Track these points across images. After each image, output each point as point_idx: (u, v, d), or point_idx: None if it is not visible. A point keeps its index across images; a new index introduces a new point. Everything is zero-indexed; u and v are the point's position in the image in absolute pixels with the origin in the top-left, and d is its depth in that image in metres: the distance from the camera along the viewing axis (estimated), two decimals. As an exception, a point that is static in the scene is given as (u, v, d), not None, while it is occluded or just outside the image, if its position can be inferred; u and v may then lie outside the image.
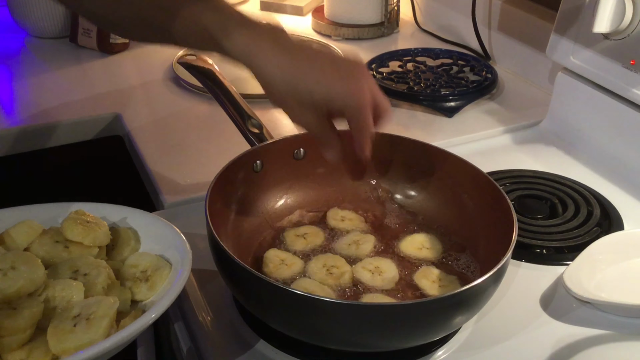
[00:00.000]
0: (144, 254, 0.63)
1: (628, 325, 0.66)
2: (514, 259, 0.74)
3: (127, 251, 0.64)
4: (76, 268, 0.59)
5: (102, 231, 0.63)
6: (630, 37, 0.83)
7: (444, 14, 1.32)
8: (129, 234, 0.66)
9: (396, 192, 0.80)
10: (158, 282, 0.60)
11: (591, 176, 0.89)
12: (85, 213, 0.65)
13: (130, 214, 0.68)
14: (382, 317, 0.57)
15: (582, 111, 0.94)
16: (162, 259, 0.62)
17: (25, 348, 0.52)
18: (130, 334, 0.51)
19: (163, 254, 0.63)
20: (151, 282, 0.59)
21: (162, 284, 0.60)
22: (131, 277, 0.60)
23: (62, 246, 0.62)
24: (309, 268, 0.69)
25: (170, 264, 0.61)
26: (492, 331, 0.66)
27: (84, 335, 0.51)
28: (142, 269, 0.61)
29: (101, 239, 0.63)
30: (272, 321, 0.62)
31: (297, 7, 1.43)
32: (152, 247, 0.65)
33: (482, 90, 1.07)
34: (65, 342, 0.51)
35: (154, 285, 0.59)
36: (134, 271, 0.61)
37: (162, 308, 0.53)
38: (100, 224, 0.64)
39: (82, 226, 0.62)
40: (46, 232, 0.63)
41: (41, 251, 0.61)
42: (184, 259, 0.60)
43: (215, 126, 0.99)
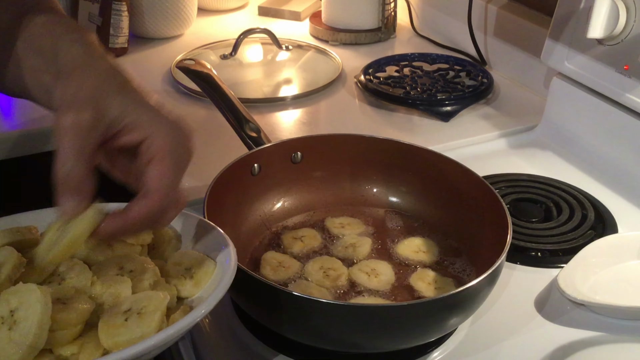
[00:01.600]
0: (187, 252, 0.62)
1: (622, 327, 0.67)
2: (509, 262, 0.75)
3: (169, 250, 0.63)
4: (121, 265, 0.58)
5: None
6: (623, 42, 0.84)
7: (441, 19, 1.33)
8: (169, 232, 0.64)
9: (393, 196, 0.81)
10: (203, 279, 0.58)
11: (585, 180, 0.90)
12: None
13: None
14: (378, 318, 0.57)
15: (577, 116, 0.95)
16: (204, 256, 0.60)
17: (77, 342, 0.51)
18: (181, 328, 0.49)
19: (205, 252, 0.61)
20: (196, 279, 0.58)
21: (207, 280, 0.58)
22: (175, 274, 0.59)
23: (104, 245, 0.60)
24: (306, 270, 0.70)
25: (214, 261, 0.60)
26: (487, 333, 0.66)
27: (136, 329, 0.50)
28: (186, 266, 0.59)
29: (144, 237, 0.61)
30: (270, 323, 0.62)
31: (295, 13, 1.44)
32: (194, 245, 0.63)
33: (478, 95, 1.08)
34: (117, 336, 0.50)
35: (199, 282, 0.58)
36: (177, 269, 0.59)
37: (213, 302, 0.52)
38: None
39: None
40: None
41: (85, 249, 0.59)
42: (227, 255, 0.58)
43: (213, 130, 1.00)
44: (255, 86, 1.16)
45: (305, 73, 1.21)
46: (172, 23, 1.32)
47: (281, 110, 1.08)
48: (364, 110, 1.09)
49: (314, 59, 1.25)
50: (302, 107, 1.09)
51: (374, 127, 1.03)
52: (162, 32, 1.32)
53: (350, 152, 0.81)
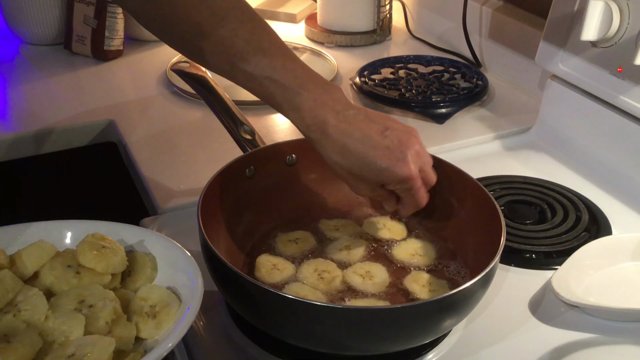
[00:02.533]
0: (155, 287, 0.61)
1: (615, 329, 0.67)
2: (503, 264, 0.75)
3: (142, 280, 0.62)
4: (82, 298, 0.56)
5: (118, 258, 0.61)
6: (617, 44, 0.85)
7: (436, 21, 1.34)
8: (146, 260, 0.63)
9: (387, 198, 0.81)
10: (164, 321, 0.57)
11: (580, 182, 0.90)
12: (103, 237, 0.62)
13: (148, 237, 0.65)
14: (372, 320, 0.57)
15: (571, 117, 0.96)
16: (172, 294, 0.59)
17: None
18: None
19: (174, 286, 0.61)
20: (158, 320, 0.57)
21: (168, 322, 0.57)
22: (139, 311, 0.58)
23: (73, 272, 0.59)
24: (301, 273, 0.70)
25: (179, 300, 0.59)
26: (481, 335, 0.67)
27: None
28: (152, 303, 0.58)
29: (115, 266, 0.60)
30: (264, 325, 0.62)
31: (291, 15, 1.45)
32: (165, 275, 0.63)
33: (473, 97, 1.08)
34: None
35: (160, 323, 0.57)
36: (142, 305, 0.58)
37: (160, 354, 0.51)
38: (117, 250, 0.61)
39: (97, 252, 0.59)
40: (59, 255, 0.61)
41: (50, 276, 0.59)
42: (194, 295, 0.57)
43: (208, 132, 1.00)
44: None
45: (300, 75, 1.21)
46: (167, 25, 1.32)
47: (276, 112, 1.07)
48: (359, 112, 1.09)
49: (310, 61, 1.25)
50: (297, 110, 1.09)
51: (369, 129, 1.03)
52: (157, 34, 1.32)
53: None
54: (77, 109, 1.08)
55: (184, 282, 0.60)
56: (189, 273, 0.60)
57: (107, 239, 0.62)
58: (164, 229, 0.80)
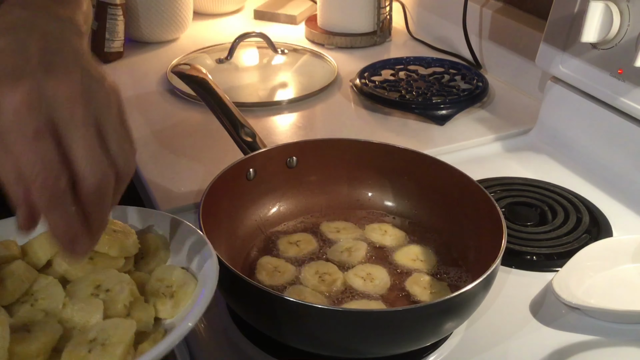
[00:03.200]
0: (171, 267, 0.60)
1: (616, 331, 0.67)
2: (504, 266, 0.75)
3: (156, 261, 0.61)
4: (98, 283, 0.56)
5: (130, 241, 0.60)
6: (617, 46, 0.85)
7: (436, 23, 1.34)
8: (157, 242, 0.63)
9: (388, 200, 0.81)
10: (182, 300, 0.57)
11: (580, 183, 0.90)
12: (113, 221, 0.61)
13: (158, 218, 0.65)
14: (373, 323, 0.58)
15: (571, 119, 0.96)
16: (188, 273, 0.59)
17: None
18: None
19: (189, 265, 0.60)
20: (176, 299, 0.57)
21: (186, 301, 0.57)
22: (156, 292, 0.58)
23: (86, 257, 0.58)
24: (302, 275, 0.70)
25: (195, 279, 0.59)
26: (482, 337, 0.67)
27: None
28: (168, 283, 0.58)
29: (128, 250, 0.60)
30: (265, 328, 0.62)
31: (291, 16, 1.45)
32: (179, 256, 0.62)
33: (473, 98, 1.08)
34: None
35: (178, 302, 0.57)
36: (159, 286, 0.58)
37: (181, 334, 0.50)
38: (129, 232, 0.61)
39: (108, 236, 0.59)
40: None
41: (64, 264, 0.58)
42: (209, 274, 0.56)
43: (208, 134, 1.00)
44: (250, 90, 1.17)
45: (300, 77, 1.21)
46: (167, 27, 1.32)
47: (277, 114, 1.08)
48: (360, 114, 1.09)
49: (310, 63, 1.25)
50: (297, 111, 1.09)
51: (370, 131, 1.03)
52: (157, 36, 1.32)
53: (346, 157, 0.81)
54: (77, 110, 1.08)
55: (198, 261, 0.59)
56: (203, 253, 0.59)
57: (117, 222, 0.62)
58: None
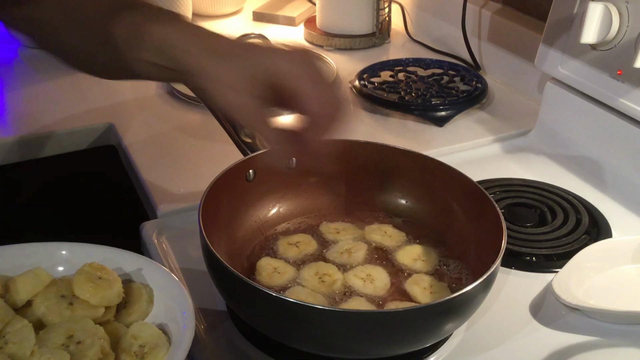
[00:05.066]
0: (147, 325, 0.60)
1: (616, 331, 0.67)
2: (503, 267, 0.75)
3: (137, 313, 0.62)
4: (71, 333, 0.56)
5: (114, 291, 0.60)
6: (616, 47, 0.85)
7: (435, 24, 1.34)
8: (142, 293, 0.63)
9: (387, 201, 0.81)
10: None
11: (580, 184, 0.90)
12: (101, 267, 0.62)
13: (147, 266, 0.65)
14: (373, 324, 0.57)
15: (571, 120, 0.96)
16: (162, 335, 0.59)
17: None
18: None
19: (167, 322, 0.61)
20: None
21: None
22: (128, 349, 0.58)
23: (66, 302, 0.59)
24: (302, 276, 0.70)
25: (169, 342, 0.59)
26: (482, 338, 0.67)
27: None
28: (142, 342, 0.58)
29: (110, 299, 0.60)
30: (265, 329, 0.62)
31: (290, 18, 1.45)
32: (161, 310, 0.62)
33: (473, 99, 1.08)
34: None
35: None
36: (132, 343, 0.58)
37: None
38: (114, 281, 0.61)
39: (93, 283, 0.59)
40: (53, 284, 0.61)
41: (43, 307, 0.59)
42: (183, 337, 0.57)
43: (208, 136, 1.00)
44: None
45: (300, 78, 1.21)
46: (166, 28, 1.31)
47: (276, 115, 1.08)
48: (359, 115, 1.09)
49: (309, 64, 1.25)
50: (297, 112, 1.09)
51: (369, 133, 1.03)
52: (156, 37, 1.32)
53: (346, 158, 0.81)
54: (76, 112, 1.08)
55: (178, 321, 0.60)
56: (183, 313, 0.59)
57: (105, 269, 0.62)
58: (164, 232, 0.80)
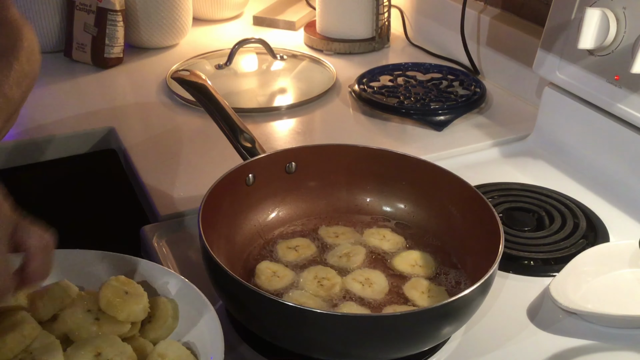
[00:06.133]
0: (174, 343, 0.59)
1: (613, 335, 0.68)
2: (501, 271, 0.75)
3: (163, 329, 0.61)
4: (100, 350, 0.55)
5: (140, 307, 0.59)
6: (614, 53, 0.85)
7: (434, 29, 1.34)
8: (168, 309, 0.62)
9: (386, 205, 0.82)
10: None
11: (577, 189, 0.91)
12: (128, 281, 0.61)
13: (172, 279, 0.64)
14: (372, 327, 0.58)
15: (569, 125, 0.96)
16: (190, 354, 0.58)
17: None
18: None
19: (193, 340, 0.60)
20: None
21: None
22: None
23: (92, 318, 0.59)
24: (301, 280, 0.70)
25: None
26: (480, 341, 0.67)
27: None
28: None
29: (137, 315, 0.59)
30: (264, 332, 0.63)
31: (290, 22, 1.45)
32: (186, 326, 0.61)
33: (471, 104, 1.09)
34: None
35: None
36: None
37: None
38: (140, 296, 0.60)
39: (119, 299, 0.59)
40: (80, 298, 0.61)
41: (70, 322, 0.58)
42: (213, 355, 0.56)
43: (208, 140, 1.01)
44: (250, 96, 1.17)
45: (299, 83, 1.21)
46: (167, 33, 1.32)
47: (276, 119, 1.08)
48: (358, 119, 1.09)
49: (309, 69, 1.25)
50: (296, 117, 1.10)
51: (368, 137, 1.03)
52: (157, 42, 1.33)
53: (344, 162, 0.82)
54: (76, 116, 1.08)
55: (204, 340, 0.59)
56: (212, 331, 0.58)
57: (131, 283, 0.61)
58: (164, 236, 0.80)
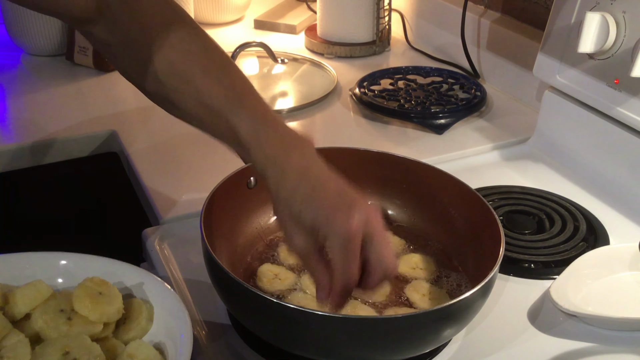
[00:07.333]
0: (144, 344, 0.59)
1: (613, 338, 0.68)
2: (502, 273, 0.75)
3: (136, 330, 0.61)
4: (68, 349, 0.55)
5: (114, 308, 0.60)
6: (614, 57, 0.86)
7: (435, 33, 1.35)
8: (142, 310, 0.62)
9: (387, 208, 0.82)
10: None
11: (577, 192, 0.91)
12: (102, 282, 0.61)
13: (149, 281, 0.64)
14: (372, 330, 0.58)
15: (569, 128, 0.96)
16: (159, 355, 0.58)
17: None
18: None
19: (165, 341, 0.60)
20: None
21: None
22: None
23: (64, 317, 0.59)
24: (302, 282, 0.71)
25: None
26: (480, 344, 0.67)
27: None
28: None
29: (110, 316, 0.60)
30: (266, 334, 0.63)
31: (291, 26, 1.46)
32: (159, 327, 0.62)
33: (472, 107, 1.09)
34: None
35: None
36: None
37: None
38: (114, 297, 0.61)
39: (93, 299, 0.59)
40: (53, 297, 0.61)
41: (41, 320, 0.59)
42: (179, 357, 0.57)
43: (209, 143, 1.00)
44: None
45: (300, 86, 1.22)
46: (168, 36, 1.32)
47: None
48: (359, 122, 1.10)
49: (310, 72, 1.26)
50: (297, 120, 1.10)
51: (369, 140, 1.04)
52: (158, 45, 1.33)
53: (345, 165, 0.81)
54: (78, 119, 1.08)
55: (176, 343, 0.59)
56: (181, 336, 0.59)
57: (106, 284, 0.62)
58: (166, 239, 0.81)
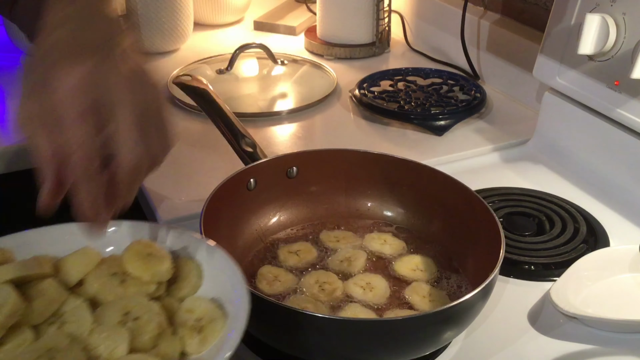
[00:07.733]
0: (201, 299, 0.58)
1: (614, 340, 0.68)
2: (502, 275, 0.75)
3: (188, 288, 0.60)
4: (128, 310, 0.55)
5: (164, 267, 0.59)
6: (614, 58, 0.86)
7: (434, 34, 1.35)
8: (191, 268, 0.61)
9: (387, 210, 0.82)
10: (210, 336, 0.55)
11: (578, 193, 0.91)
12: (150, 244, 0.60)
13: (194, 242, 0.63)
14: (372, 332, 0.58)
15: (569, 130, 0.97)
16: (217, 308, 0.57)
17: None
18: None
19: (220, 297, 0.59)
20: (204, 335, 0.55)
21: (214, 338, 0.55)
22: (184, 323, 0.56)
23: (117, 280, 0.58)
24: (302, 284, 0.71)
25: (225, 316, 0.57)
26: (481, 346, 0.67)
27: None
28: (197, 316, 0.56)
29: (161, 275, 0.59)
30: (266, 336, 0.63)
31: (290, 27, 1.46)
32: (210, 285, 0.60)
33: (471, 109, 1.09)
34: None
35: (206, 339, 0.55)
36: (188, 317, 0.56)
37: None
38: (164, 258, 0.60)
39: (143, 260, 0.58)
40: (103, 262, 0.60)
41: (95, 284, 0.58)
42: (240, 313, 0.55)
43: (209, 145, 1.01)
44: (251, 100, 1.17)
45: (300, 87, 1.22)
46: (168, 38, 1.33)
47: (277, 124, 1.09)
48: (359, 124, 1.10)
49: (309, 74, 1.26)
50: (297, 122, 1.10)
51: (369, 141, 1.04)
52: (158, 46, 1.33)
53: (345, 167, 0.82)
54: (78, 120, 1.08)
55: (229, 296, 0.58)
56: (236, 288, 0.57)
57: (153, 245, 0.61)
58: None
